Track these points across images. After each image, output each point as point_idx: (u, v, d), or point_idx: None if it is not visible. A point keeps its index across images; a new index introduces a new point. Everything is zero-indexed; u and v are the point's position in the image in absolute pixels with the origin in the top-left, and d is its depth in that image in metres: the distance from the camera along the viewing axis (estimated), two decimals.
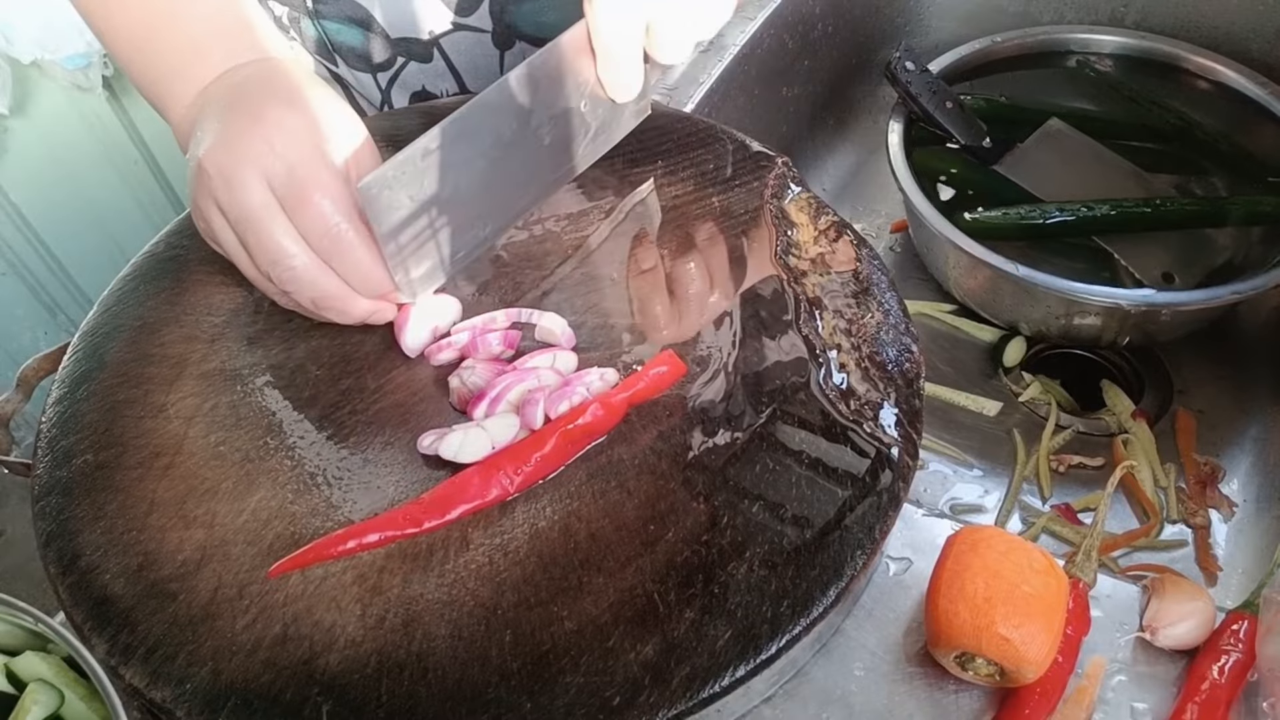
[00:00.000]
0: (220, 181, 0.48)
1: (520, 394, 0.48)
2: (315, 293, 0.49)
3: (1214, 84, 0.87)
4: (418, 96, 0.76)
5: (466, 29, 0.72)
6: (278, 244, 0.48)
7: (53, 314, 1.49)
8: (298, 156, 0.48)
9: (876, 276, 0.53)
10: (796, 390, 0.49)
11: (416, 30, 0.72)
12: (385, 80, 0.75)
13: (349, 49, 0.74)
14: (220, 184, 0.48)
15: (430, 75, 0.75)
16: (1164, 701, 0.46)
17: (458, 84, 0.75)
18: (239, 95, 0.51)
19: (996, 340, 0.83)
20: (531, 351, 0.51)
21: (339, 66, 0.77)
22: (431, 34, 0.72)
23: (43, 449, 0.50)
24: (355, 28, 0.72)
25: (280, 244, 0.48)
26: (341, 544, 0.44)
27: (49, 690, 0.45)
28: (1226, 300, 0.70)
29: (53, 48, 1.26)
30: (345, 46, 0.74)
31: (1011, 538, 0.46)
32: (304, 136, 0.49)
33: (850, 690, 0.47)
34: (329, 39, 0.74)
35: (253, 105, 0.50)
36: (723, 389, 0.49)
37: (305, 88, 0.51)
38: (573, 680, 0.40)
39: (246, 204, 0.47)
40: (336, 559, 0.44)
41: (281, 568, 0.43)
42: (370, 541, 0.44)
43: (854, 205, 1.00)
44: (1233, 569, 0.69)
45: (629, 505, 0.45)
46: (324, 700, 0.40)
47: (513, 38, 0.73)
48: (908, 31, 1.03)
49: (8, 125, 1.32)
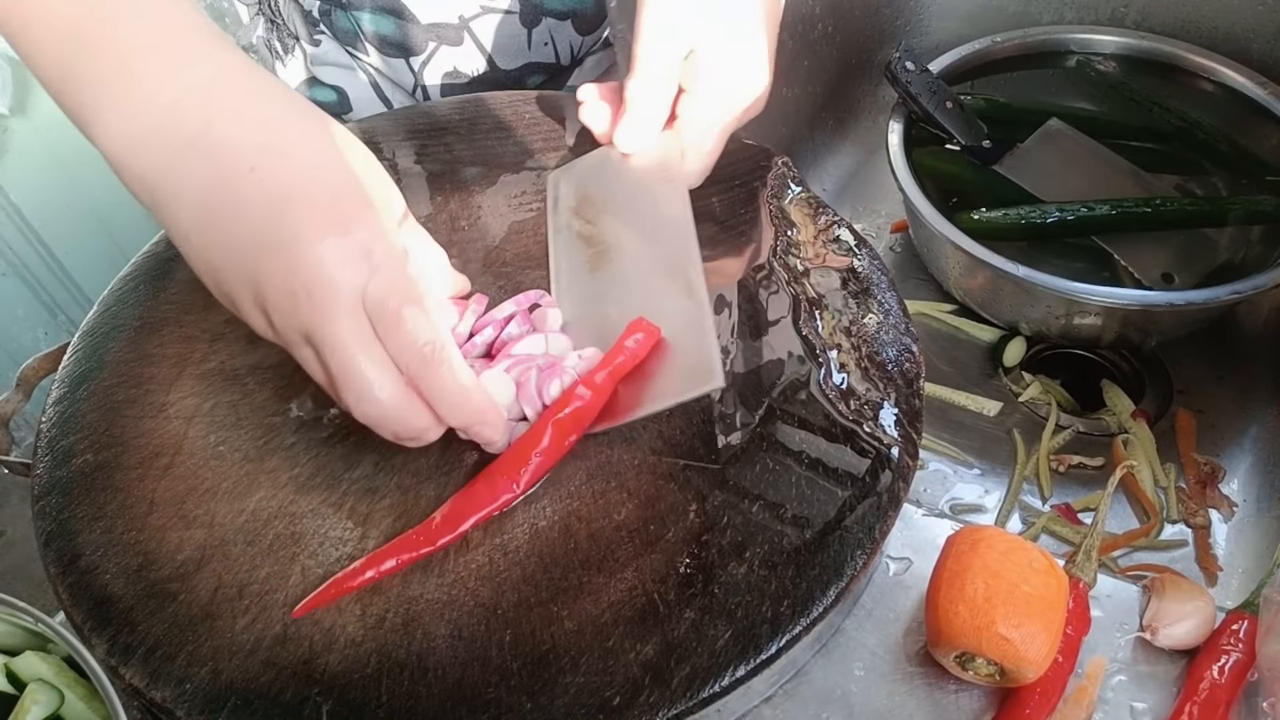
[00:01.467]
0: (301, 297, 0.39)
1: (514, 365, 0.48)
2: (400, 429, 0.42)
3: (1214, 84, 0.87)
4: (449, 76, 0.78)
5: (494, 11, 0.74)
6: (366, 377, 0.40)
7: (53, 314, 1.49)
8: (388, 265, 0.41)
9: (876, 276, 0.53)
10: (796, 390, 0.49)
11: (447, 15, 0.73)
12: (418, 64, 0.77)
13: (381, 37, 0.75)
14: (301, 300, 0.39)
15: (461, 56, 0.76)
16: (1164, 701, 0.46)
17: (488, 63, 0.77)
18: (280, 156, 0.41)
19: (996, 340, 0.83)
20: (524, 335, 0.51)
21: (369, 55, 0.78)
22: (461, 18, 0.74)
23: (43, 449, 0.50)
24: (387, 16, 0.74)
25: (368, 376, 0.40)
26: (360, 575, 0.43)
27: (49, 690, 0.45)
28: (1226, 300, 0.70)
29: None
30: (378, 35, 0.75)
31: (1011, 538, 0.46)
32: (386, 234, 0.41)
33: (850, 690, 0.47)
34: (361, 29, 0.76)
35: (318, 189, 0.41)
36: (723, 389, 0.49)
37: (364, 156, 0.44)
38: (573, 680, 0.40)
39: (338, 333, 0.40)
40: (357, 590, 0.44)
41: (305, 608, 0.43)
42: (388, 568, 0.44)
43: (854, 205, 0.99)
44: (1233, 569, 0.69)
45: (629, 505, 0.45)
46: (324, 700, 0.40)
47: (539, 15, 0.74)
48: (908, 31, 1.03)
49: (8, 125, 1.32)
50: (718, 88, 0.53)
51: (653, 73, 0.52)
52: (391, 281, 0.40)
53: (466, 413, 0.43)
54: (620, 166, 0.56)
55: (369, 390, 0.40)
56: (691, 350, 0.46)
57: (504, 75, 0.77)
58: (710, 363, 0.44)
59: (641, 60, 0.52)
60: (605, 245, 0.54)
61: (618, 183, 0.56)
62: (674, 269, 0.50)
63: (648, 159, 0.55)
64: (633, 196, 0.55)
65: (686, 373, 0.45)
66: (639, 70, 0.52)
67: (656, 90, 0.53)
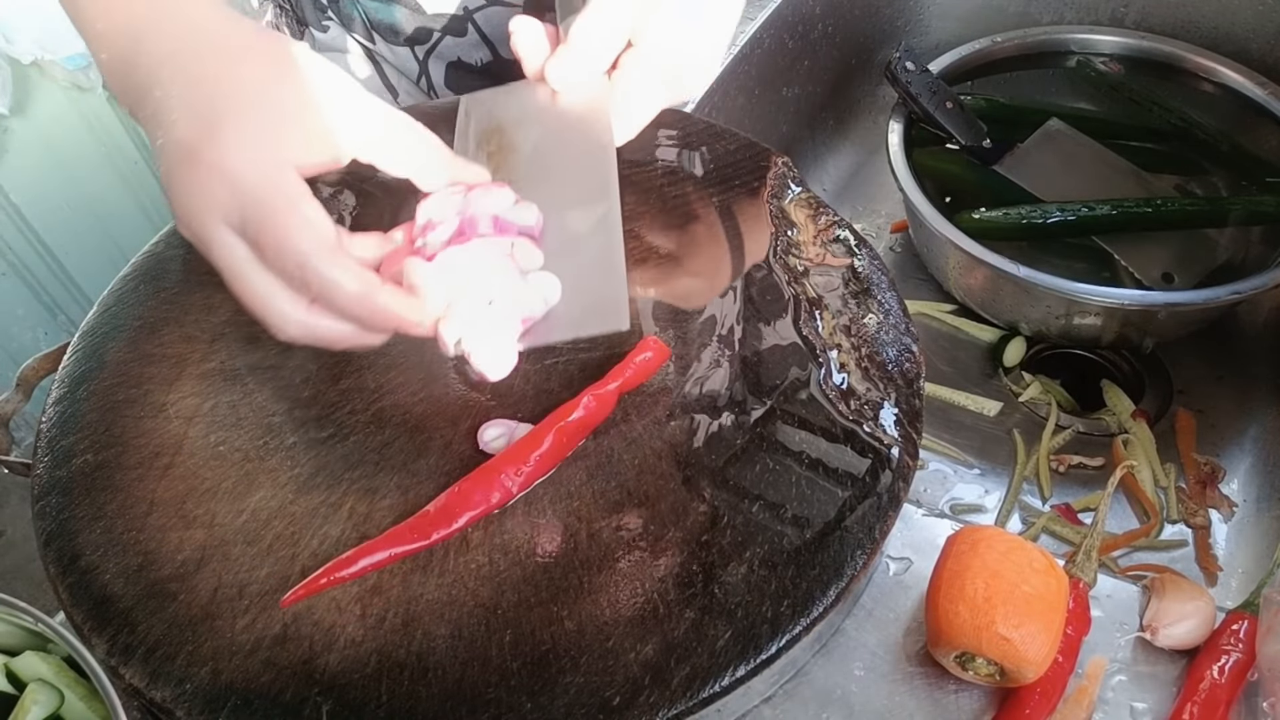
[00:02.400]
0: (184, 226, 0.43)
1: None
2: (328, 343, 0.44)
3: (1214, 84, 0.87)
4: (454, 66, 0.78)
5: (499, 4, 0.74)
6: (272, 309, 0.42)
7: (53, 314, 1.49)
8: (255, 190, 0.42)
9: (876, 276, 0.53)
10: (796, 390, 0.49)
11: (451, 6, 0.74)
12: (422, 53, 0.77)
13: (387, 26, 0.76)
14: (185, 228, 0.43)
15: (465, 46, 0.77)
16: (1164, 701, 0.46)
17: (491, 52, 0.77)
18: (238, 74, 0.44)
19: (996, 340, 0.83)
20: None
21: (376, 44, 0.79)
22: (466, 9, 0.74)
23: (43, 449, 0.50)
24: (393, 5, 0.74)
25: (273, 308, 0.42)
26: (351, 565, 0.43)
27: (49, 690, 0.45)
28: (1226, 300, 0.70)
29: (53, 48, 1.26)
30: (384, 24, 0.76)
31: (1011, 538, 0.46)
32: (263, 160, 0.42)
33: (850, 690, 0.47)
34: (368, 17, 0.76)
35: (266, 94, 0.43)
36: (723, 389, 0.49)
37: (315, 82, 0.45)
38: (573, 680, 0.40)
39: (219, 262, 0.43)
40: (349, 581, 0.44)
41: (294, 597, 0.43)
42: (379, 560, 0.44)
43: (854, 205, 1.00)
44: (1233, 569, 0.69)
45: (629, 505, 0.45)
46: (324, 700, 0.40)
47: (543, 8, 0.74)
48: (908, 31, 1.03)
49: (8, 125, 1.32)
50: (669, 50, 0.50)
51: (605, 13, 0.49)
52: (250, 208, 0.41)
53: (373, 319, 0.43)
54: (543, 102, 0.52)
55: (278, 321, 0.42)
56: (598, 288, 0.45)
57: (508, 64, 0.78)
58: (617, 303, 0.43)
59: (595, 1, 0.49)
60: (513, 175, 0.50)
61: (537, 116, 0.52)
62: (588, 203, 0.48)
63: (574, 101, 0.51)
64: (551, 131, 0.51)
65: (591, 309, 0.45)
66: (591, 8, 0.49)
67: (605, 31, 0.49)
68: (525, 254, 0.46)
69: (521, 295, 0.45)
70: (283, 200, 0.41)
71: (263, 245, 0.41)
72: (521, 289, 0.45)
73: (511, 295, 0.45)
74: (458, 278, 0.45)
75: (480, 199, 0.47)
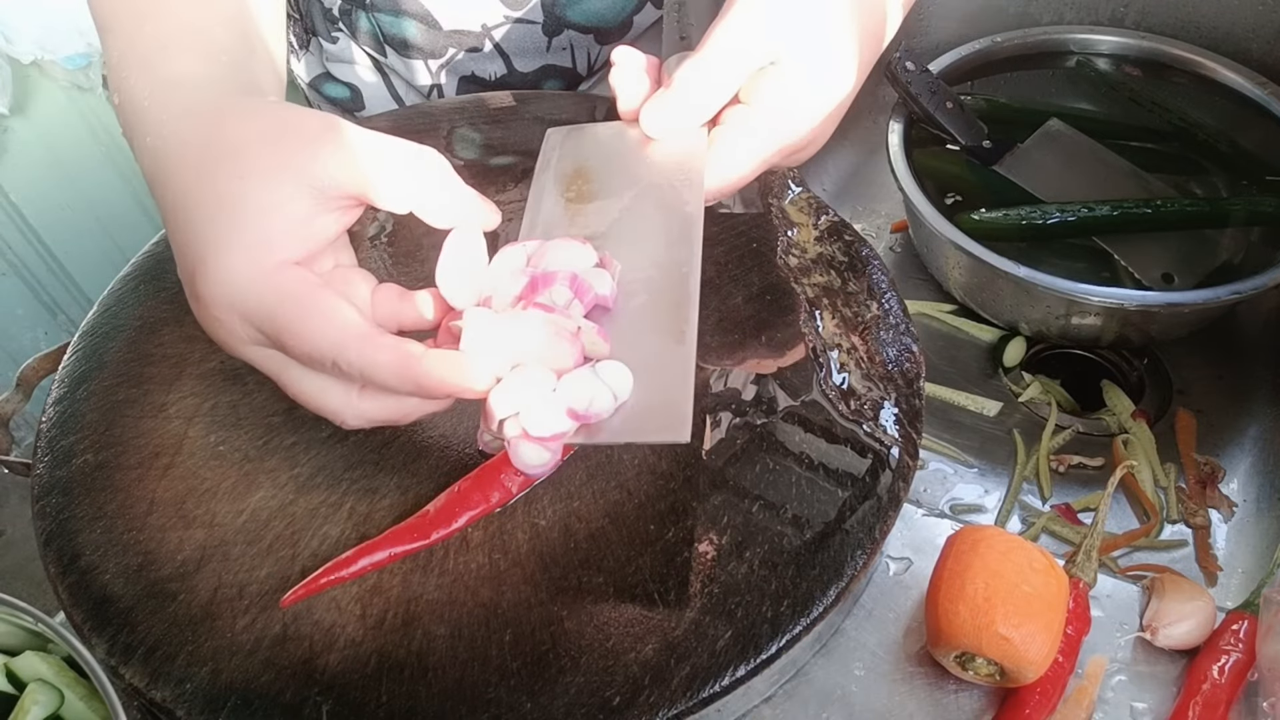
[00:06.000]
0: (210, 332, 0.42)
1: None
2: (396, 420, 0.43)
3: (1214, 84, 0.87)
4: (466, 80, 0.78)
5: (518, 21, 0.74)
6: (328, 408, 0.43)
7: (53, 314, 1.49)
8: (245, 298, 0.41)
9: (876, 276, 0.53)
10: (796, 390, 0.49)
11: (470, 23, 0.74)
12: (436, 66, 0.77)
13: (401, 40, 0.75)
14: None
15: (480, 60, 0.76)
16: (1164, 701, 0.46)
17: (506, 66, 0.77)
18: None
19: (996, 340, 0.83)
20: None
21: (387, 57, 0.78)
22: (484, 26, 0.74)
23: (43, 449, 0.50)
24: (409, 20, 0.74)
25: (329, 406, 0.42)
26: (351, 565, 0.43)
27: (49, 690, 0.45)
28: (1226, 300, 0.70)
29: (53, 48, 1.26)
30: (398, 38, 0.75)
31: (1012, 537, 0.46)
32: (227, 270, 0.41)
33: (850, 690, 0.47)
34: (382, 30, 0.76)
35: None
36: (722, 388, 0.49)
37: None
38: (573, 680, 0.40)
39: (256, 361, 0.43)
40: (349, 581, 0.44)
41: (294, 597, 0.43)
42: (379, 560, 0.44)
43: (854, 205, 0.99)
44: (1233, 569, 0.69)
45: (629, 505, 0.45)
46: (324, 700, 0.40)
47: (562, 26, 0.75)
48: (908, 32, 1.03)
49: (8, 125, 1.32)
50: (780, 114, 0.47)
51: (719, 63, 0.45)
52: (264, 324, 0.40)
53: (421, 390, 0.40)
54: (633, 148, 0.48)
55: (336, 418, 0.42)
56: (664, 388, 0.41)
57: (521, 79, 0.77)
58: (682, 413, 0.39)
59: (713, 46, 0.45)
60: (590, 230, 0.47)
61: (623, 166, 0.48)
62: (663, 288, 0.44)
63: (668, 152, 0.47)
64: (638, 186, 0.47)
65: (651, 413, 0.40)
66: (705, 54, 0.45)
67: (714, 81, 0.46)
68: (592, 342, 0.42)
69: (588, 389, 0.40)
70: (291, 304, 0.40)
71: (291, 352, 0.40)
72: (590, 382, 0.40)
73: (577, 387, 0.40)
74: (520, 346, 0.41)
75: (559, 252, 0.43)
